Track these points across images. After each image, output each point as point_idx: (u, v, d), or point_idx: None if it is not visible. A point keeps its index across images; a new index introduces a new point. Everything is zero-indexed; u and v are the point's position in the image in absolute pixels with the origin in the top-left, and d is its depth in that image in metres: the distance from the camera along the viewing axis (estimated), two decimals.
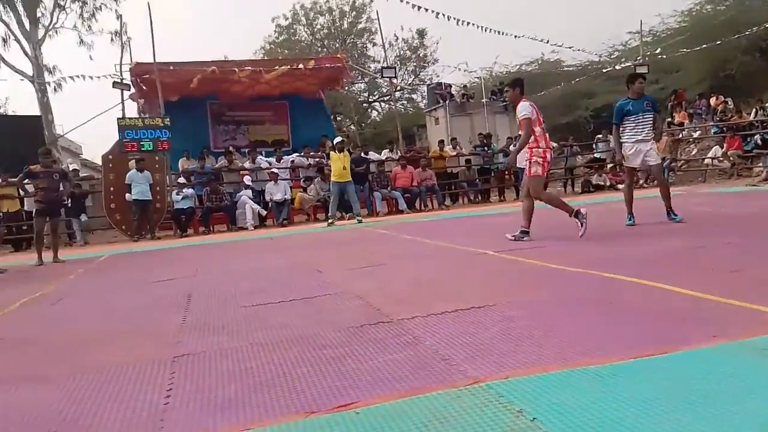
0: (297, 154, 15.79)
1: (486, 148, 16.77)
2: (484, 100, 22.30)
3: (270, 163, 14.76)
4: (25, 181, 8.92)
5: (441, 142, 17.35)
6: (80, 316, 4.27)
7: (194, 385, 2.35)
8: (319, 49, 32.42)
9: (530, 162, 6.15)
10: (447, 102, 22.51)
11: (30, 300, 5.13)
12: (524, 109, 6.10)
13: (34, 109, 21.67)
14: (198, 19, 60.56)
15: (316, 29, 34.34)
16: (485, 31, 18.04)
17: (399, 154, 16.07)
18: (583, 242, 5.62)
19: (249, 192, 13.68)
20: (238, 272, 5.73)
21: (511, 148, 15.57)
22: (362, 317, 3.23)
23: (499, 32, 18.88)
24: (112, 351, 3.04)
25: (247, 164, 14.75)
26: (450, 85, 25.13)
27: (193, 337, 3.18)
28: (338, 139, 12.89)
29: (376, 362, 2.40)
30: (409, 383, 2.12)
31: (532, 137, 6.07)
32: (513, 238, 6.10)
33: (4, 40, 21.93)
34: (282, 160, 14.99)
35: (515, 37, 18.30)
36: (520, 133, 6.22)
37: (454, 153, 16.77)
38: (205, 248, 9.23)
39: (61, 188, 8.97)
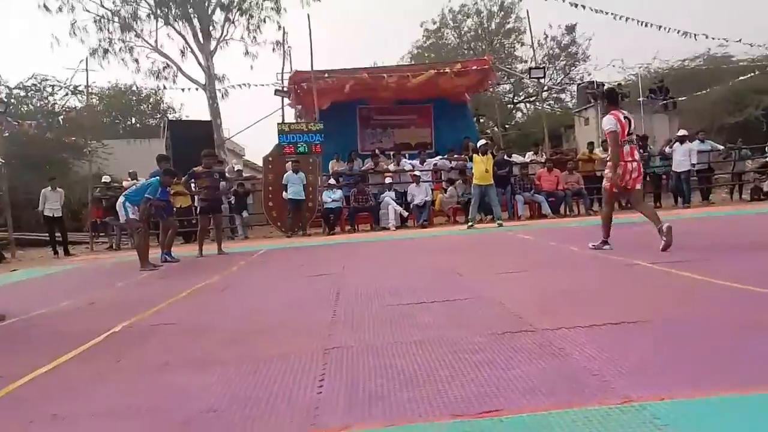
0: (440, 156, 15.92)
1: (641, 151, 15.66)
2: (640, 99, 20.87)
3: (413, 166, 15.04)
4: (191, 181, 9.90)
5: (590, 144, 16.53)
6: (244, 305, 4.69)
7: (344, 378, 2.49)
8: (466, 52, 32.33)
9: (606, 175, 6.19)
10: (598, 101, 21.38)
11: (198, 289, 5.72)
12: (608, 122, 6.05)
13: (205, 114, 24.11)
14: (353, 27, 63.16)
15: (463, 32, 34.30)
16: (643, 25, 16.81)
17: (544, 156, 15.58)
18: (752, 257, 5.07)
19: (392, 193, 14.06)
20: (381, 271, 5.92)
21: (667, 150, 14.45)
22: (504, 324, 3.20)
23: (659, 27, 17.52)
24: (273, 339, 3.31)
25: (391, 166, 15.17)
26: (602, 84, 23.81)
27: (342, 332, 3.36)
28: (482, 141, 12.80)
29: (520, 371, 2.37)
30: (556, 396, 2.08)
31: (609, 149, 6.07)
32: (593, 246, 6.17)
33: (182, 53, 24.61)
34: (425, 163, 15.21)
35: (678, 32, 16.83)
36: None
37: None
38: (351, 246, 9.64)
39: (221, 187, 9.87)
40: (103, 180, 15.58)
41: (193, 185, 10.14)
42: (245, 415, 2.13)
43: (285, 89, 17.02)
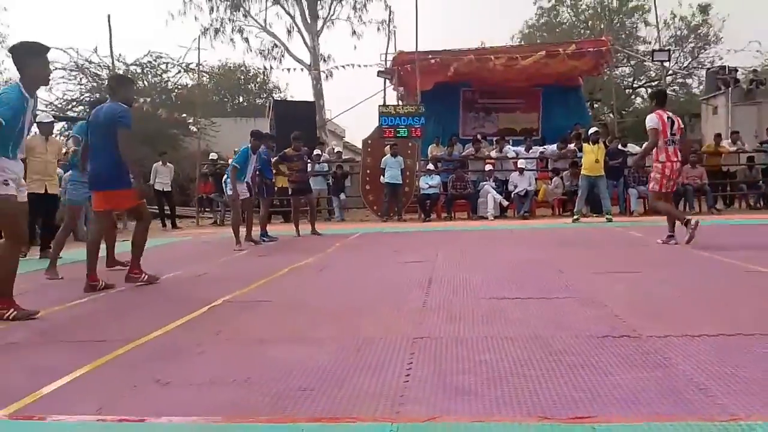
0: (550, 145, 15.43)
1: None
2: None
3: (517, 153, 14.71)
4: (282, 162, 10.11)
5: (718, 135, 15.38)
6: (339, 286, 4.87)
7: (431, 368, 2.53)
8: (582, 31, 30.99)
9: (649, 176, 6.81)
10: (730, 88, 19.81)
11: (296, 268, 5.98)
12: (650, 120, 6.58)
13: (308, 95, 24.85)
14: (461, 5, 62.28)
15: (580, 9, 32.84)
16: None
17: None
18: None
19: (492, 182, 13.85)
20: (476, 262, 5.90)
21: None
22: (605, 327, 3.11)
23: None
24: (365, 323, 3.43)
25: (493, 153, 14.92)
26: (736, 69, 22.01)
27: (432, 321, 3.41)
28: (593, 129, 12.28)
29: (618, 379, 2.31)
30: (654, 407, 2.01)
31: (655, 149, 6.55)
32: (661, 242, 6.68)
33: (289, 32, 25.47)
34: (531, 150, 14.81)
35: None
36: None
37: (734, 149, 14.72)
38: (446, 234, 9.65)
39: (308, 168, 10.09)
40: (210, 157, 16.51)
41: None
42: (333, 396, 2.24)
43: (388, 70, 17.18)
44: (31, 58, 3.90)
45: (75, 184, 6.11)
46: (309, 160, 10.27)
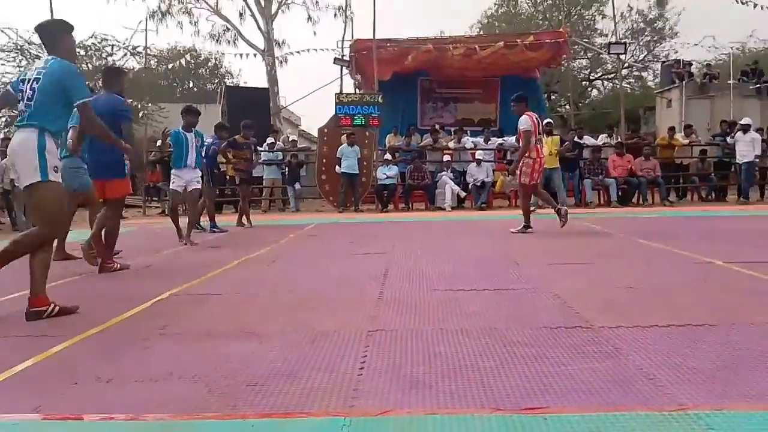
0: (509, 137, 15.63)
1: (727, 138, 14.96)
2: (731, 82, 19.87)
3: (475, 144, 14.86)
4: (228, 150, 9.84)
5: (672, 128, 15.88)
6: (291, 278, 4.83)
7: (386, 361, 2.55)
8: (541, 22, 31.49)
9: (520, 171, 7.46)
10: (684, 82, 20.48)
11: (247, 260, 5.91)
12: (525, 123, 7.30)
13: (262, 81, 24.48)
14: None
15: (538, 0, 33.37)
16: (739, 1, 15.90)
17: (618, 139, 15.09)
18: None
19: (450, 172, 13.96)
20: (433, 253, 5.95)
21: (729, 140, 13.78)
22: (559, 318, 3.18)
23: (755, 4, 16.54)
24: (318, 316, 3.42)
25: (451, 144, 15.04)
26: (690, 63, 22.78)
27: (387, 313, 3.43)
28: (546, 120, 12.50)
29: (571, 369, 2.37)
30: (605, 397, 2.07)
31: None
32: (516, 231, 7.55)
33: (241, 15, 24.99)
34: (489, 142, 14.99)
35: None
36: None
37: (686, 141, 15.24)
38: (403, 225, 9.69)
39: (253, 159, 10.00)
40: (157, 144, 16.15)
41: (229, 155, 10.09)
42: (284, 391, 2.23)
43: (345, 58, 17.08)
44: (67, 34, 3.95)
45: (73, 170, 5.89)
46: (255, 150, 10.09)
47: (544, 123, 12.15)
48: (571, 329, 2.96)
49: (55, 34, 3.89)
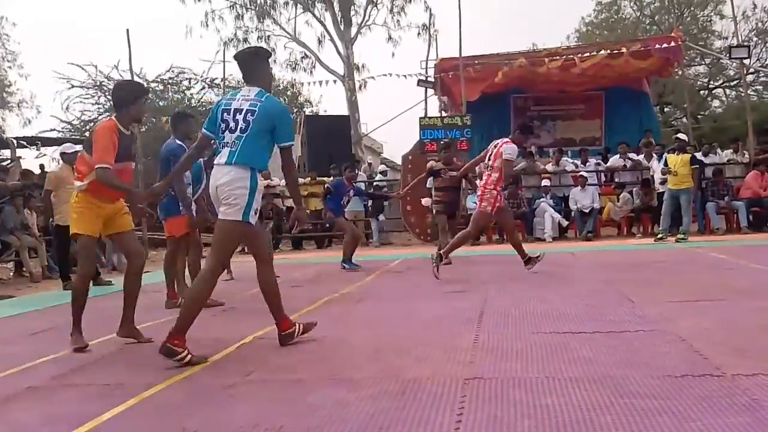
0: (610, 154, 15.22)
1: None
2: None
3: (576, 165, 14.55)
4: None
5: None
6: (380, 319, 4.89)
7: (485, 413, 2.52)
8: (648, 27, 30.66)
9: (482, 197, 7.40)
10: None
11: (333, 299, 6.02)
12: (513, 151, 7.39)
13: (342, 108, 25.15)
14: (509, 4, 62.32)
15: (645, 2, 32.55)
16: None
17: (747, 155, 14.32)
18: None
19: (549, 198, 13.71)
20: (533, 290, 5.84)
21: None
22: (685, 365, 3.05)
23: None
24: (409, 361, 3.45)
25: (549, 167, 14.79)
26: None
27: (485, 359, 3.40)
28: (682, 136, 12.08)
29: (701, 425, 2.26)
30: None
31: (497, 177, 7.27)
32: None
33: (320, 41, 25.95)
34: (588, 162, 14.61)
35: None
36: None
37: None
38: (498, 259, 9.57)
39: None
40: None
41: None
42: None
43: (429, 79, 17.28)
44: (265, 62, 4.16)
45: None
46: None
47: (676, 137, 11.76)
48: (699, 377, 2.83)
49: (253, 62, 4.06)
